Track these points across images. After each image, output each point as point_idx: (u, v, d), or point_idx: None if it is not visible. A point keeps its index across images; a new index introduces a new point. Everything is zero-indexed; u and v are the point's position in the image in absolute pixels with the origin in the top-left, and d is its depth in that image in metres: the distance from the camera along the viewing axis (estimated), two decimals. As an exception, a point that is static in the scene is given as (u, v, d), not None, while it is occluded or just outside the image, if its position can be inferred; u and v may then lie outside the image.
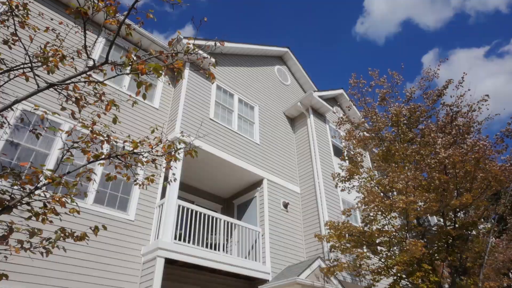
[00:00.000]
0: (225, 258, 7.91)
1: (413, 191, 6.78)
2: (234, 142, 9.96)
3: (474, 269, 7.31)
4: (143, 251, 7.12)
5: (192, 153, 3.70)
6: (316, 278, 8.20)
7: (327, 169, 11.47)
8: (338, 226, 7.50)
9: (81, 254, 6.26)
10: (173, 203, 7.46)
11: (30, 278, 5.58)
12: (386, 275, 7.24)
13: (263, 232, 9.29)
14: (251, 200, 10.33)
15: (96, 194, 7.04)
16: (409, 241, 6.39)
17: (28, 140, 6.58)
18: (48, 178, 3.01)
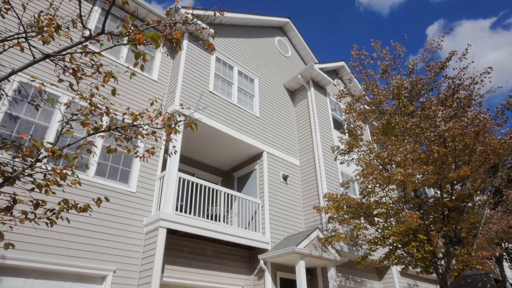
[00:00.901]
0: (226, 228, 8.10)
1: (412, 164, 6.83)
2: (234, 115, 9.91)
3: (468, 239, 7.51)
4: (145, 221, 7.28)
5: (192, 125, 3.69)
6: (314, 248, 8.43)
7: (327, 142, 11.50)
8: (337, 198, 7.62)
9: (84, 224, 6.40)
10: (173, 175, 7.54)
11: (36, 247, 5.74)
12: (382, 245, 7.45)
13: (263, 204, 9.46)
14: (251, 172, 10.44)
15: (98, 167, 7.10)
16: (405, 213, 6.51)
17: (27, 113, 6.54)
18: (48, 151, 3.02)
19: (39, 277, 5.78)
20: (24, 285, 5.61)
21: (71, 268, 5.99)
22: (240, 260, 8.71)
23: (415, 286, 12.83)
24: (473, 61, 8.23)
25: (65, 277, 6.05)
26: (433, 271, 7.22)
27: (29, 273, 5.70)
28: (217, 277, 7.97)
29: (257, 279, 8.55)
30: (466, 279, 17.15)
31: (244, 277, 8.56)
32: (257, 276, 8.58)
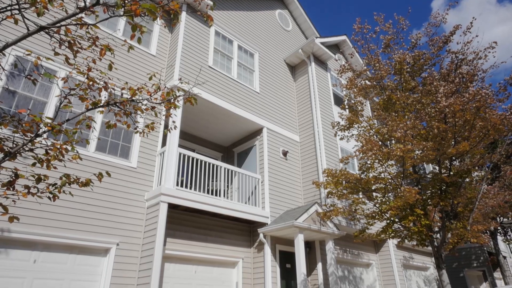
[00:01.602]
0: (226, 203, 8.22)
1: (411, 140, 6.84)
2: (233, 90, 9.82)
3: (465, 214, 7.64)
4: (147, 196, 7.38)
5: (192, 100, 3.66)
6: (313, 222, 8.60)
7: (327, 118, 11.47)
8: (336, 173, 7.69)
9: (87, 199, 6.50)
10: (174, 151, 7.57)
11: (40, 221, 5.86)
12: (379, 219, 7.59)
13: (263, 179, 9.56)
14: (251, 148, 10.47)
15: (98, 142, 7.12)
16: (404, 188, 6.59)
17: (25, 88, 6.48)
18: (47, 126, 3.01)
19: (44, 250, 5.93)
20: (30, 257, 5.76)
21: (75, 241, 6.14)
22: (240, 233, 8.90)
23: (410, 258, 13.20)
24: (477, 35, 8.05)
25: (70, 250, 6.21)
26: (428, 244, 7.40)
27: (34, 245, 5.84)
28: (218, 250, 8.18)
29: (257, 252, 8.78)
30: (460, 251, 17.62)
31: (244, 250, 8.79)
32: (257, 249, 8.80)
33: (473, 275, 18.24)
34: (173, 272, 7.41)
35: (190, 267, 7.74)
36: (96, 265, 6.43)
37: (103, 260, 6.51)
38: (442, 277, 6.85)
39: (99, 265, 6.45)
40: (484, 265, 17.15)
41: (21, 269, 5.60)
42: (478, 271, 17.74)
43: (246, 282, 8.42)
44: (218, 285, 8.07)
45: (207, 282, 7.88)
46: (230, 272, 8.45)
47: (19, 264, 5.61)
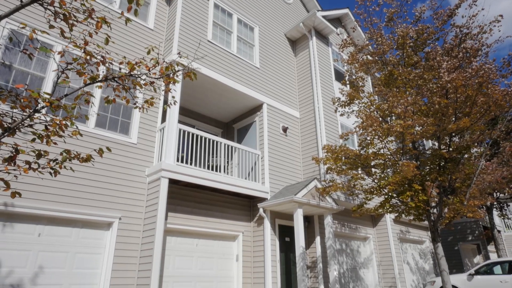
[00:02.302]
0: (226, 178, 8.30)
1: (412, 116, 6.81)
2: (233, 65, 9.68)
3: (462, 189, 7.74)
4: (148, 172, 7.44)
5: (191, 75, 3.62)
6: (312, 197, 8.72)
7: (328, 94, 11.37)
8: (335, 149, 7.71)
9: (89, 175, 6.56)
10: (174, 126, 7.56)
11: (42, 196, 5.94)
12: (378, 194, 7.69)
13: (263, 155, 9.60)
14: (251, 124, 10.45)
15: (98, 118, 7.10)
16: (402, 163, 6.63)
17: (21, 63, 6.38)
18: (46, 101, 2.99)
19: (49, 224, 6.05)
20: (35, 230, 5.89)
21: (78, 215, 6.25)
22: (240, 208, 9.05)
23: (406, 232, 13.49)
24: (483, 8, 7.83)
25: (73, 224, 6.33)
26: (425, 219, 7.54)
27: (38, 219, 5.96)
28: (218, 224, 8.34)
29: (256, 226, 8.96)
30: (456, 226, 17.99)
31: (245, 224, 8.96)
32: (257, 223, 8.98)
33: (467, 249, 18.72)
34: (175, 245, 7.59)
35: (191, 240, 7.92)
36: (100, 239, 6.58)
37: (106, 234, 6.66)
38: (437, 250, 7.02)
39: (102, 239, 6.61)
40: (478, 239, 17.56)
41: (26, 242, 5.74)
42: (472, 244, 18.19)
43: (246, 255, 8.65)
44: (219, 257, 8.29)
45: (208, 255, 8.09)
46: (230, 245, 8.66)
47: (24, 237, 5.74)
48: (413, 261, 13.67)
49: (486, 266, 10.92)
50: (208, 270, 7.97)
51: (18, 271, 5.54)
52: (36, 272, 5.70)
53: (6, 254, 5.50)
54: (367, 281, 11.62)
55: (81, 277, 6.16)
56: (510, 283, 9.86)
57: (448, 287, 6.68)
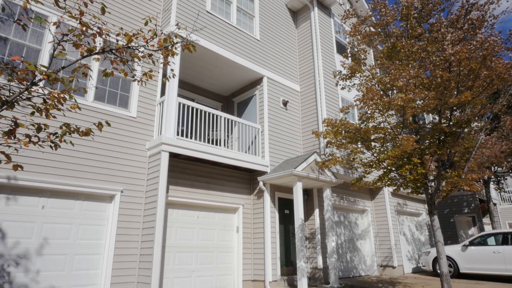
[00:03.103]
0: (226, 152, 8.35)
1: (413, 89, 6.74)
2: (233, 37, 9.47)
3: (461, 163, 7.78)
4: (148, 146, 7.47)
5: (190, 47, 3.54)
6: (311, 171, 8.80)
7: (329, 67, 11.20)
8: (336, 123, 7.69)
9: (89, 148, 6.59)
10: (173, 100, 7.51)
11: (44, 169, 5.99)
12: (377, 168, 7.75)
13: (263, 129, 9.60)
14: (251, 98, 10.38)
15: (96, 92, 7.03)
16: (402, 137, 6.64)
17: (16, 35, 6.24)
18: (43, 74, 2.95)
19: (52, 196, 6.15)
20: (38, 203, 5.99)
21: (80, 188, 6.34)
22: (240, 181, 9.16)
23: (404, 205, 13.73)
24: (492, -24, 7.54)
25: (76, 196, 6.44)
26: (423, 192, 7.64)
27: (41, 192, 6.05)
28: (219, 197, 8.47)
29: (256, 199, 9.10)
30: (452, 199, 18.28)
31: (245, 197, 9.10)
32: (257, 196, 9.12)
33: (462, 221, 19.12)
34: (177, 217, 7.75)
35: (192, 212, 8.08)
36: (103, 211, 6.71)
37: (109, 206, 6.78)
38: (434, 222, 7.17)
39: (105, 211, 6.73)
40: (474, 211, 17.90)
41: (31, 214, 5.86)
42: (468, 217, 18.56)
43: (246, 227, 8.85)
44: (219, 229, 8.48)
45: (209, 227, 8.28)
46: (231, 217, 8.84)
47: (28, 209, 5.85)
48: (409, 232, 14.01)
49: (480, 237, 11.20)
50: (209, 241, 8.18)
51: (24, 242, 5.69)
52: (41, 243, 5.85)
53: (12, 226, 5.63)
54: (364, 251, 11.96)
55: (86, 247, 6.34)
56: (502, 253, 10.15)
57: (442, 257, 6.87)
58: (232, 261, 8.50)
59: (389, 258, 11.76)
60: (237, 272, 8.40)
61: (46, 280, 5.77)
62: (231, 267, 8.43)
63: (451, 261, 11.11)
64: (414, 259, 13.53)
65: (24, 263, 5.62)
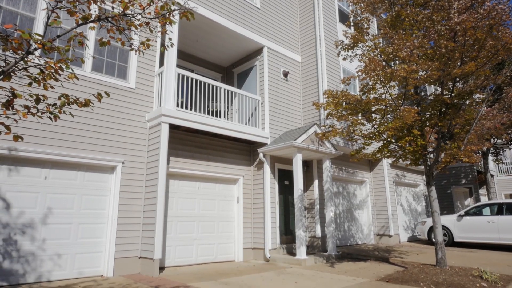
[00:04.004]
0: (226, 124, 8.33)
1: (417, 60, 6.62)
2: (232, 5, 9.17)
3: (461, 135, 7.79)
4: (148, 117, 7.44)
5: (188, 15, 3.44)
6: (311, 142, 8.83)
7: (331, 37, 10.94)
8: (336, 94, 7.61)
9: (89, 120, 6.57)
10: (172, 71, 7.39)
11: (45, 140, 6.01)
12: (376, 140, 7.77)
13: (263, 101, 9.52)
14: (251, 68, 10.21)
15: (94, 62, 6.91)
16: (403, 108, 6.60)
17: (9, 2, 6.04)
18: (38, 43, 2.88)
19: (53, 167, 6.21)
20: (41, 174, 6.06)
21: (81, 159, 6.38)
22: (240, 153, 9.21)
23: (402, 176, 13.89)
24: None
25: (78, 167, 6.50)
26: (421, 163, 7.70)
27: (43, 163, 6.09)
28: (219, 168, 8.55)
29: (256, 170, 9.19)
30: (450, 170, 18.47)
31: (245, 168, 9.19)
32: (257, 167, 9.20)
33: (459, 192, 19.42)
34: (178, 188, 7.87)
35: (193, 183, 8.18)
36: (105, 181, 6.79)
37: (111, 177, 6.86)
38: (431, 193, 7.28)
39: (107, 181, 6.82)
40: (471, 182, 18.13)
41: (34, 184, 5.94)
42: (465, 188, 18.84)
43: (247, 197, 9.00)
44: (220, 199, 8.63)
45: (210, 197, 8.42)
46: (231, 188, 8.97)
47: (31, 180, 5.93)
48: (407, 203, 14.27)
49: (476, 208, 11.42)
50: (210, 211, 8.35)
51: (28, 212, 5.81)
52: (46, 212, 5.98)
53: (16, 196, 5.72)
54: (361, 221, 12.24)
55: (90, 217, 6.48)
56: (497, 223, 10.40)
57: (438, 226, 7.04)
58: (232, 230, 8.72)
59: (386, 227, 12.06)
60: (238, 240, 8.64)
61: (52, 248, 5.94)
62: (231, 235, 8.66)
63: (446, 231, 11.40)
64: (410, 228, 13.88)
65: (30, 232, 5.77)
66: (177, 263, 7.48)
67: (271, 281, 6.05)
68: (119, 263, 6.51)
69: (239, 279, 6.17)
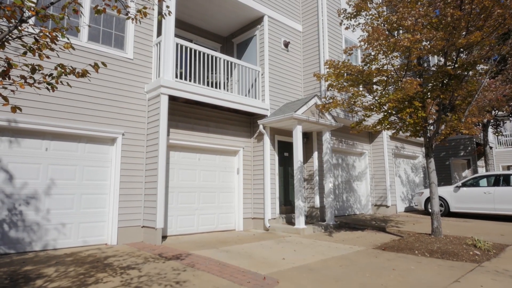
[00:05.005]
0: (226, 95, 8.26)
1: (421, 29, 6.45)
2: (231, -30, 8.81)
3: (462, 107, 7.75)
4: (147, 89, 7.36)
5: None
6: (312, 114, 8.79)
7: (333, 5, 10.60)
8: (338, 65, 7.49)
9: (88, 91, 6.51)
10: (170, 40, 7.23)
11: (44, 112, 5.98)
12: (377, 112, 7.72)
13: (263, 72, 9.38)
14: (251, 38, 9.98)
15: (90, 32, 6.74)
16: (405, 80, 6.51)
17: (-3, -34, 5.79)
18: (31, 10, 2.79)
19: (54, 139, 6.22)
20: (42, 145, 6.08)
21: (81, 131, 6.38)
22: (240, 125, 9.19)
23: (401, 148, 13.96)
24: None
25: (78, 139, 6.51)
26: (421, 135, 7.71)
27: (43, 135, 6.10)
28: (219, 140, 8.57)
29: (256, 142, 9.22)
30: (450, 142, 18.53)
31: (245, 140, 9.21)
32: (257, 139, 9.22)
33: (457, 163, 19.58)
34: (178, 159, 7.92)
35: (194, 155, 8.23)
36: (106, 153, 6.83)
37: (112, 149, 6.89)
38: (430, 164, 7.34)
39: (108, 153, 6.86)
40: (470, 154, 18.25)
41: (35, 156, 5.98)
42: (463, 160, 18.98)
43: (247, 168, 9.09)
44: (220, 170, 8.72)
45: (210, 168, 8.50)
46: (231, 159, 9.04)
47: (32, 151, 5.96)
48: (405, 175, 14.43)
49: (473, 179, 11.56)
50: (210, 181, 8.45)
51: (31, 183, 5.88)
52: (48, 183, 6.05)
53: (18, 167, 5.77)
54: (360, 192, 12.44)
55: (92, 188, 6.57)
56: (493, 194, 10.56)
57: (435, 197, 7.16)
58: (233, 200, 8.87)
59: (384, 198, 12.27)
60: (238, 210, 8.82)
61: (56, 217, 6.08)
62: (232, 206, 8.83)
63: (443, 201, 11.60)
64: (407, 199, 14.13)
65: (34, 203, 5.87)
66: (179, 232, 7.67)
67: (271, 249, 6.23)
68: (123, 232, 6.68)
69: (239, 247, 6.36)
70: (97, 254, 5.61)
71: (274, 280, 4.16)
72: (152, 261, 5.15)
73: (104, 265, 4.85)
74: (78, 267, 4.69)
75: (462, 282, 4.12)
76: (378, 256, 5.64)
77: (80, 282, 3.99)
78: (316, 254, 5.74)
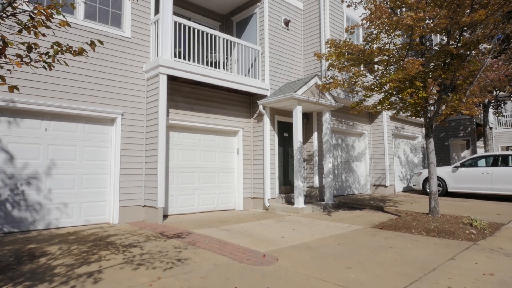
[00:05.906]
0: (225, 75, 8.17)
1: (425, 7, 6.31)
2: None
3: (463, 87, 7.68)
4: (145, 68, 7.27)
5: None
6: (312, 94, 8.73)
7: (335, -19, 10.32)
8: (339, 44, 7.37)
9: (86, 71, 6.43)
10: (168, 18, 7.08)
11: (42, 92, 5.93)
12: (378, 92, 7.67)
13: (263, 51, 9.24)
14: (251, 16, 9.77)
15: (86, 9, 6.59)
16: (407, 59, 6.43)
17: None
18: (25, -14, 2.71)
19: (53, 119, 6.20)
20: (41, 126, 6.06)
21: (81, 111, 6.36)
22: (240, 105, 9.14)
23: (401, 128, 13.95)
24: None
25: (78, 119, 6.49)
26: (422, 116, 7.68)
27: (42, 115, 6.07)
28: (219, 120, 8.55)
29: (256, 122, 9.19)
30: (450, 123, 18.49)
31: (245, 120, 9.18)
32: (257, 120, 9.19)
33: (456, 144, 19.62)
34: (178, 140, 7.93)
35: (193, 135, 8.23)
36: (105, 133, 6.83)
37: (111, 129, 6.88)
38: (429, 144, 7.35)
39: (108, 133, 6.85)
40: (470, 135, 18.25)
41: (35, 136, 5.97)
42: (463, 140, 18.99)
43: (246, 149, 9.11)
44: (220, 151, 8.74)
45: (210, 149, 8.52)
46: (231, 139, 9.04)
47: (32, 132, 5.95)
48: (404, 155, 14.48)
49: (472, 159, 11.61)
50: (210, 162, 8.49)
51: (32, 163, 5.90)
52: (49, 164, 6.08)
53: (18, 148, 5.78)
54: (359, 172, 12.52)
55: (93, 168, 6.61)
56: (491, 174, 10.64)
57: (433, 177, 7.21)
58: (233, 180, 8.94)
59: (382, 178, 12.36)
60: (238, 190, 8.90)
61: (58, 197, 6.14)
62: (232, 186, 8.91)
63: (441, 181, 11.70)
64: (406, 179, 14.24)
65: (35, 183, 5.91)
66: (180, 212, 7.77)
67: (270, 228, 6.33)
68: (124, 212, 6.77)
69: (239, 226, 6.46)
70: (99, 233, 5.71)
71: (274, 258, 4.25)
72: (154, 239, 5.24)
73: (107, 243, 4.94)
74: (81, 245, 4.77)
75: (458, 260, 4.22)
76: (375, 234, 5.74)
77: (83, 259, 4.07)
78: (314, 233, 5.83)
